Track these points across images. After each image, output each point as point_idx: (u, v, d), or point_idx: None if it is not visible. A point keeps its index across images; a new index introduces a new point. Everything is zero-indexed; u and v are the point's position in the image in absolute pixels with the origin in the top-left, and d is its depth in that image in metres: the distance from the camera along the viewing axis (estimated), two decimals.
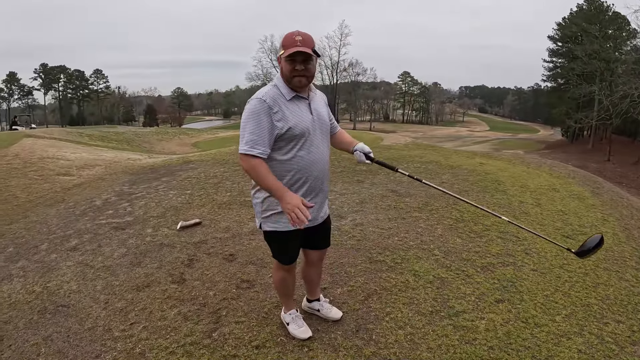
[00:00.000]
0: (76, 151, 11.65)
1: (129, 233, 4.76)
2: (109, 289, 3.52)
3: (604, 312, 3.09)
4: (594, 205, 5.59)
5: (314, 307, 2.92)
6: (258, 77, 70.15)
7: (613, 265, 3.88)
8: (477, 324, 2.85)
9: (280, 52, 2.21)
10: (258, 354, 2.59)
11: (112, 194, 6.49)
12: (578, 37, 46.57)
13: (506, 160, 8.58)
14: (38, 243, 4.72)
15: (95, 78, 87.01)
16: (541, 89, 75.86)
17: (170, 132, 32.24)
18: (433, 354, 2.56)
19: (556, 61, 53.35)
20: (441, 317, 2.93)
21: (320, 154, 2.38)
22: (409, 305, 3.06)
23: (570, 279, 3.53)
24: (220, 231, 4.63)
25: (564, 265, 3.77)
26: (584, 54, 41.04)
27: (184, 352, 2.65)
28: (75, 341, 2.87)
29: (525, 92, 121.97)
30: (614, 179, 25.96)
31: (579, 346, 2.68)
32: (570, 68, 45.68)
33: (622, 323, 2.97)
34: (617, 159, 35.85)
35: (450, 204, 5.24)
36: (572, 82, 45.58)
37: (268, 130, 2.17)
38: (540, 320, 2.92)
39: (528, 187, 6.18)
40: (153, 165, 8.86)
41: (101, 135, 22.19)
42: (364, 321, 2.88)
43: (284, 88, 2.25)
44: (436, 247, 4.03)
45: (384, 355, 2.56)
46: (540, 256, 3.92)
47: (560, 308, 3.09)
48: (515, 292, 3.26)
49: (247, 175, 2.27)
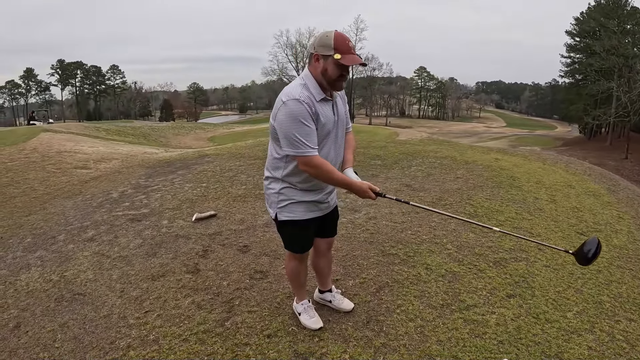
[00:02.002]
0: (93, 145, 11.84)
1: (145, 224, 4.84)
2: (125, 278, 3.61)
3: (616, 310, 3.06)
4: (610, 203, 5.52)
5: (325, 298, 2.96)
6: (274, 72, 70.33)
7: (627, 263, 3.84)
8: (487, 318, 2.86)
9: (326, 53, 2.16)
10: (269, 342, 2.64)
11: (129, 187, 6.59)
12: (596, 33, 45.75)
13: (522, 156, 8.50)
14: (56, 234, 4.83)
15: (112, 74, 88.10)
16: (559, 85, 74.80)
17: (187, 127, 32.46)
18: (443, 347, 2.57)
19: (574, 57, 52.42)
20: (452, 310, 2.94)
21: (338, 151, 2.43)
22: (420, 298, 3.07)
23: (583, 275, 3.50)
24: (234, 223, 4.68)
25: None
26: (602, 49, 40.31)
27: (197, 340, 2.70)
28: (90, 328, 2.95)
29: (543, 88, 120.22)
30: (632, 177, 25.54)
31: (589, 343, 2.66)
32: (588, 64, 44.95)
33: (634, 321, 2.95)
34: (636, 157, 35.16)
35: (464, 199, 5.22)
36: (590, 78, 44.82)
37: (314, 129, 2.20)
38: (551, 316, 2.90)
39: (543, 184, 6.13)
40: (169, 159, 8.96)
41: (118, 130, 22.45)
42: (375, 313, 2.91)
43: (315, 89, 2.22)
44: (449, 242, 4.03)
45: (393, 347, 2.58)
46: (553, 252, 3.88)
47: (572, 304, 3.07)
48: (527, 288, 3.25)
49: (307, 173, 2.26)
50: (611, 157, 35.34)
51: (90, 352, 2.70)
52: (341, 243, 4.00)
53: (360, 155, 7.64)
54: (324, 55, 2.17)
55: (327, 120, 2.27)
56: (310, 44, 2.23)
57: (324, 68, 2.18)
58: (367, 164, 7.18)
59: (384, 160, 7.44)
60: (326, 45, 2.15)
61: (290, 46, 68.59)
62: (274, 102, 2.30)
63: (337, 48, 2.13)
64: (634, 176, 26.88)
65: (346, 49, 2.14)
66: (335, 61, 2.15)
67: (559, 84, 73.03)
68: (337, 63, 2.15)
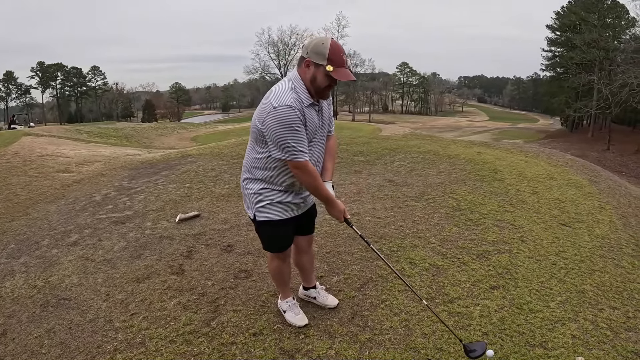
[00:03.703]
0: (75, 148, 11.67)
1: (129, 227, 4.80)
2: (110, 281, 3.58)
3: (599, 299, 3.12)
4: (592, 194, 5.62)
5: (310, 294, 2.97)
6: (256, 71, 70.14)
7: (609, 252, 3.92)
8: (471, 310, 2.89)
9: (318, 61, 2.12)
10: (255, 341, 2.64)
11: (112, 189, 6.52)
12: (577, 26, 46.30)
13: (504, 149, 8.59)
14: (39, 239, 4.77)
15: (93, 75, 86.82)
16: (540, 78, 75.60)
17: (169, 127, 32.25)
18: (428, 340, 2.60)
19: (555, 50, 53.00)
20: (436, 303, 2.97)
21: (320, 152, 2.44)
22: (404, 293, 3.09)
23: (566, 265, 3.57)
24: (218, 223, 4.67)
25: (560, 252, 3.81)
26: (583, 43, 40.86)
27: (183, 341, 2.70)
28: (77, 333, 2.94)
29: (525, 82, 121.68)
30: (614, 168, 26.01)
31: (573, 332, 2.71)
32: (569, 57, 45.54)
33: (617, 309, 3.01)
34: (617, 147, 35.79)
35: (447, 192, 5.27)
36: (571, 71, 45.50)
37: (304, 134, 2.20)
38: (535, 307, 2.95)
39: (525, 176, 6.20)
40: (152, 160, 8.87)
41: (100, 132, 22.23)
42: (359, 308, 2.93)
43: (303, 94, 2.19)
44: (432, 236, 4.06)
45: (379, 341, 2.60)
46: (536, 243, 3.95)
47: (555, 294, 3.12)
48: (510, 279, 3.29)
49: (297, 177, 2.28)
50: (593, 149, 35.90)
51: (77, 356, 2.69)
52: (325, 240, 4.00)
53: (343, 151, 7.65)
54: (315, 63, 2.13)
55: (312, 125, 2.26)
56: (304, 47, 2.18)
57: (314, 75, 2.15)
58: (350, 160, 7.20)
59: (366, 156, 7.46)
60: (320, 53, 2.11)
61: (272, 44, 68.42)
62: (257, 101, 2.28)
63: (330, 59, 2.10)
64: (616, 167, 27.38)
65: (340, 62, 2.11)
66: (326, 72, 2.11)
67: (541, 78, 73.87)
68: (328, 74, 2.12)
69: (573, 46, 44.27)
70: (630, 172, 27.79)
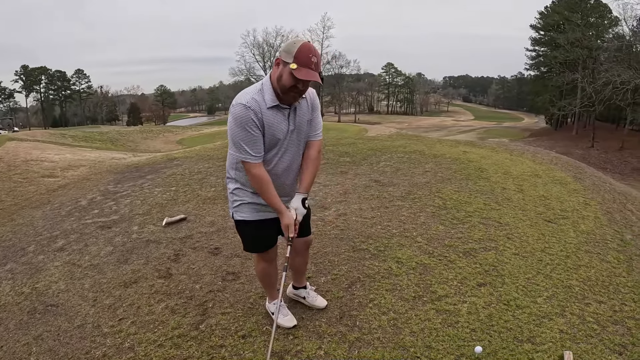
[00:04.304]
0: (60, 152, 11.55)
1: (115, 231, 4.76)
2: (97, 286, 3.55)
3: (586, 293, 3.16)
4: (576, 190, 5.70)
5: (300, 294, 2.97)
6: (241, 72, 69.64)
7: (595, 247, 3.98)
8: (459, 307, 2.91)
9: (286, 60, 2.09)
10: (244, 343, 2.64)
11: (97, 194, 6.46)
12: (560, 26, 46.93)
13: (489, 148, 8.68)
14: (25, 245, 4.72)
15: (77, 78, 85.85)
16: (524, 77, 76.49)
17: (155, 130, 32.04)
18: (416, 338, 2.62)
19: (539, 50, 53.68)
20: (424, 302, 2.99)
21: (291, 161, 2.38)
22: (392, 292, 3.11)
23: (552, 261, 3.61)
24: (205, 226, 4.65)
25: (546, 248, 3.86)
26: (567, 42, 41.42)
27: (172, 345, 2.68)
28: (65, 339, 2.91)
29: (509, 81, 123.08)
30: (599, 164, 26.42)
31: (560, 326, 2.74)
32: (553, 56, 46.16)
33: (603, 303, 3.05)
34: (601, 145, 36.36)
35: (433, 192, 5.30)
36: (555, 70, 46.05)
37: (258, 136, 2.19)
38: (522, 302, 2.98)
39: (511, 174, 6.26)
40: (137, 163, 8.81)
41: (85, 136, 22.02)
42: (347, 308, 2.93)
43: (269, 94, 2.18)
44: (419, 235, 4.08)
45: (367, 341, 2.61)
46: (522, 240, 4.00)
47: (542, 290, 3.16)
48: (497, 276, 3.33)
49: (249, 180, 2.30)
50: (578, 146, 36.43)
51: None
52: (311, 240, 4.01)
53: (329, 152, 7.66)
54: (284, 62, 2.11)
55: (275, 129, 2.22)
56: (280, 49, 2.17)
57: (280, 74, 2.13)
58: (336, 161, 7.22)
59: (352, 157, 7.48)
60: (289, 52, 2.09)
61: (257, 46, 68.17)
62: None
63: (297, 57, 2.06)
64: (600, 163, 27.83)
65: (305, 62, 2.07)
66: (290, 70, 2.08)
67: (525, 77, 74.73)
68: (291, 73, 2.08)
69: (557, 45, 44.79)
70: (615, 168, 28.28)
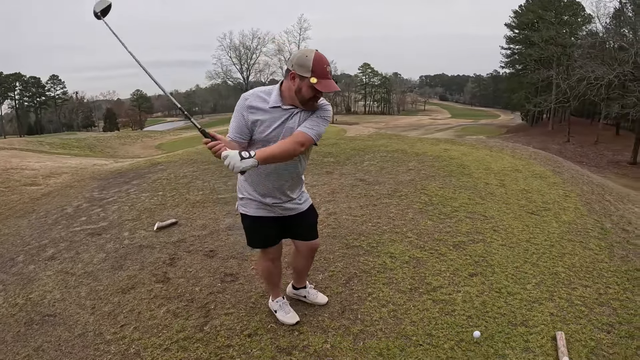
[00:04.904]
0: (40, 160, 11.33)
1: (106, 238, 4.73)
2: (94, 294, 3.53)
3: (572, 279, 3.35)
4: (556, 183, 5.91)
5: (300, 294, 3.05)
6: (218, 75, 68.76)
7: (577, 236, 4.17)
8: (454, 296, 3.06)
9: (303, 74, 2.18)
10: (251, 341, 2.70)
11: (83, 201, 6.39)
12: (535, 24, 47.60)
13: (469, 145, 8.88)
14: (14, 255, 4.63)
15: (52, 84, 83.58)
16: (500, 75, 77.26)
17: (133, 136, 31.66)
18: (417, 327, 2.74)
19: (514, 48, 54.34)
20: (420, 293, 3.11)
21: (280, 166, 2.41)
22: (388, 285, 3.23)
23: (537, 251, 3.79)
24: (197, 229, 4.67)
25: (531, 239, 4.03)
26: (541, 40, 42.19)
27: (179, 348, 2.72)
28: (67, 349, 2.88)
29: (485, 79, 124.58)
30: (575, 158, 27.10)
31: (550, 310, 2.92)
32: (527, 54, 46.79)
33: (589, 287, 3.24)
34: (577, 139, 37.23)
35: (418, 189, 5.44)
36: (530, 68, 46.82)
37: (244, 124, 2.31)
38: (513, 290, 3.14)
39: (492, 170, 6.45)
40: (121, 169, 8.71)
41: (62, 143, 21.60)
42: (348, 302, 3.04)
43: (275, 97, 2.29)
44: (409, 230, 4.21)
45: (371, 332, 2.71)
46: (507, 232, 4.16)
47: (530, 277, 3.33)
48: (486, 266, 3.48)
49: None
50: (554, 141, 37.18)
51: None
52: None
53: (312, 153, 7.71)
54: (300, 76, 2.20)
55: (268, 128, 2.30)
56: (289, 60, 2.26)
57: (299, 87, 2.22)
58: (320, 161, 7.30)
59: (336, 157, 7.58)
60: (304, 66, 2.17)
61: (234, 49, 67.46)
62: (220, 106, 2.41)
63: (314, 71, 2.17)
64: (577, 157, 28.50)
65: (323, 74, 2.18)
66: (310, 84, 2.18)
67: (500, 75, 75.34)
68: (312, 86, 2.18)
69: (531, 43, 45.47)
70: (591, 161, 29.05)
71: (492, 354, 2.52)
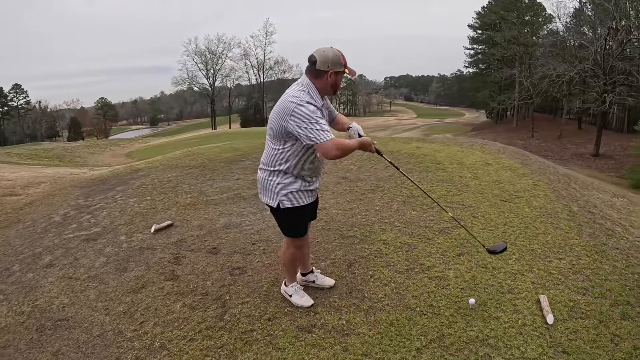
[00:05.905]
0: (14, 171, 11.11)
1: (103, 243, 4.77)
2: (104, 296, 3.57)
3: (547, 254, 3.79)
4: (525, 174, 6.35)
5: (309, 279, 3.31)
6: (184, 81, 67.73)
7: (548, 218, 4.60)
8: (447, 273, 3.44)
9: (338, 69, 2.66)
10: (272, 325, 2.94)
11: (69, 208, 6.37)
12: (497, 25, 49.04)
13: (440, 142, 9.25)
14: (8, 265, 4.58)
15: (15, 94, 79.89)
16: (464, 74, 78.58)
17: (101, 145, 31.04)
18: (418, 300, 3.10)
19: (477, 48, 55.73)
20: (416, 272, 3.48)
21: None
22: (387, 267, 3.57)
23: (514, 232, 4.20)
24: (194, 229, 4.78)
25: (507, 222, 4.44)
26: (504, 40, 43.53)
27: (203, 337, 2.89)
28: (88, 350, 2.93)
29: (449, 79, 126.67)
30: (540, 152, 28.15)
31: (531, 279, 3.36)
32: (491, 54, 48.09)
33: (563, 260, 3.70)
34: (541, 134, 38.61)
35: (398, 184, 5.76)
36: (493, 67, 48.28)
37: (325, 121, 2.67)
38: (497, 265, 3.56)
39: (464, 164, 6.84)
40: (101, 176, 8.66)
41: (30, 154, 21.04)
42: (353, 284, 3.35)
43: (317, 96, 2.70)
44: (396, 220, 4.54)
45: (379, 307, 3.04)
46: (485, 218, 4.56)
47: (511, 254, 3.73)
48: (471, 247, 3.87)
49: (333, 154, 2.61)
50: (519, 137, 38.32)
51: None
52: None
53: None
54: (336, 72, 2.68)
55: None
56: (322, 63, 2.64)
57: (335, 81, 2.71)
58: None
59: None
60: (338, 63, 2.67)
61: (199, 54, 66.85)
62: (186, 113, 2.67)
63: (345, 64, 2.69)
64: (541, 151, 29.53)
65: (346, 64, 2.71)
66: (342, 75, 2.72)
67: (464, 74, 76.55)
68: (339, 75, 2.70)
69: (494, 43, 46.78)
70: (555, 155, 30.28)
71: (487, 317, 2.91)
